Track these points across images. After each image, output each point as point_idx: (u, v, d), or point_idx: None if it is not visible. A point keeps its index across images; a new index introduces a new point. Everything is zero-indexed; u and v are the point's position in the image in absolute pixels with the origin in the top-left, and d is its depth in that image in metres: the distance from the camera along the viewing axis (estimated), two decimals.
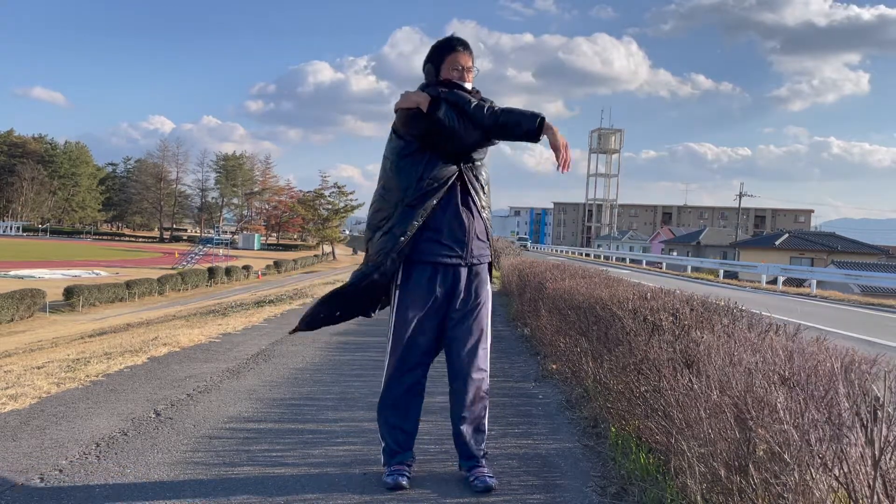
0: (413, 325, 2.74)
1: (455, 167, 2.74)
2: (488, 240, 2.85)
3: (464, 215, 2.75)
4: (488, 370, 2.84)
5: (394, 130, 2.81)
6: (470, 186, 2.78)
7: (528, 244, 76.14)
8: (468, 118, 2.69)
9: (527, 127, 2.66)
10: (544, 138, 2.67)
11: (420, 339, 2.75)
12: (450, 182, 2.72)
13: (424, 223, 2.70)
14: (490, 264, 2.89)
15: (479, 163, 2.83)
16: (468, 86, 2.82)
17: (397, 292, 2.78)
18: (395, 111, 2.78)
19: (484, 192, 2.84)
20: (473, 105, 2.70)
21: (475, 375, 2.78)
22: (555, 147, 2.65)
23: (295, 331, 2.96)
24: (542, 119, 2.65)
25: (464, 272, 2.77)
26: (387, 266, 2.73)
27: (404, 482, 2.67)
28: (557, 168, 2.67)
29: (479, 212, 2.80)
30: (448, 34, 3.08)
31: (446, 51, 2.82)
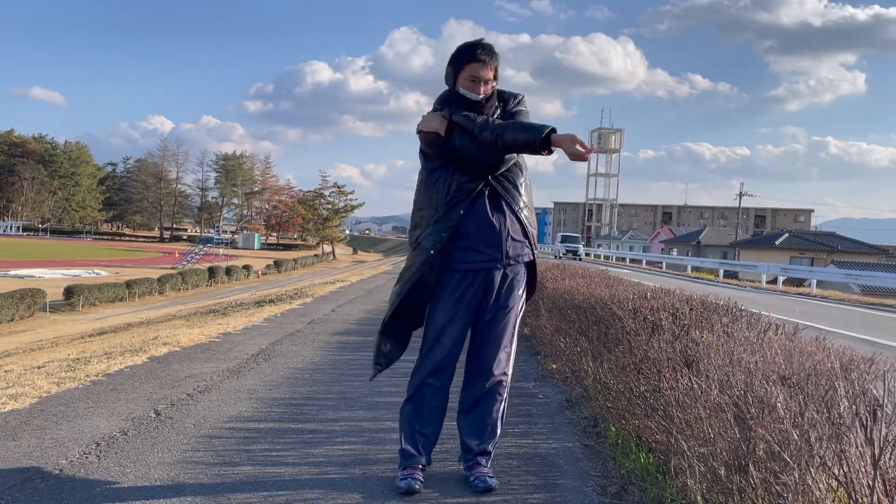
0: (442, 329, 2.72)
1: (482, 178, 2.68)
2: (526, 238, 2.75)
3: (494, 218, 2.67)
4: (510, 374, 2.80)
5: (422, 152, 2.77)
6: (501, 189, 2.70)
7: (581, 249, 49.24)
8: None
9: (533, 145, 2.55)
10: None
11: (448, 343, 2.72)
12: (476, 190, 2.67)
13: (455, 233, 2.65)
14: (531, 263, 2.80)
15: (510, 164, 2.72)
16: (479, 96, 2.68)
17: (432, 299, 2.75)
18: (417, 133, 2.74)
19: (519, 192, 2.74)
20: (478, 130, 2.61)
21: (487, 382, 2.74)
22: (576, 158, 2.49)
23: (374, 377, 2.91)
24: (550, 132, 2.51)
25: (498, 275, 2.72)
26: (418, 277, 2.68)
27: (417, 486, 2.64)
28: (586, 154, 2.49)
29: (513, 212, 2.72)
30: (445, 34, 3.07)
31: (466, 58, 2.69)
